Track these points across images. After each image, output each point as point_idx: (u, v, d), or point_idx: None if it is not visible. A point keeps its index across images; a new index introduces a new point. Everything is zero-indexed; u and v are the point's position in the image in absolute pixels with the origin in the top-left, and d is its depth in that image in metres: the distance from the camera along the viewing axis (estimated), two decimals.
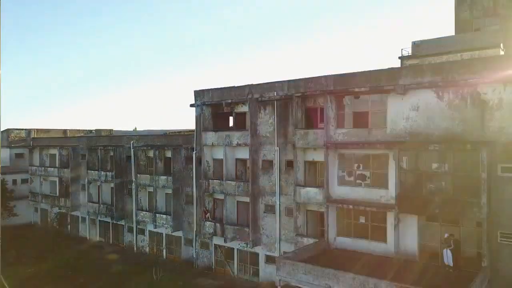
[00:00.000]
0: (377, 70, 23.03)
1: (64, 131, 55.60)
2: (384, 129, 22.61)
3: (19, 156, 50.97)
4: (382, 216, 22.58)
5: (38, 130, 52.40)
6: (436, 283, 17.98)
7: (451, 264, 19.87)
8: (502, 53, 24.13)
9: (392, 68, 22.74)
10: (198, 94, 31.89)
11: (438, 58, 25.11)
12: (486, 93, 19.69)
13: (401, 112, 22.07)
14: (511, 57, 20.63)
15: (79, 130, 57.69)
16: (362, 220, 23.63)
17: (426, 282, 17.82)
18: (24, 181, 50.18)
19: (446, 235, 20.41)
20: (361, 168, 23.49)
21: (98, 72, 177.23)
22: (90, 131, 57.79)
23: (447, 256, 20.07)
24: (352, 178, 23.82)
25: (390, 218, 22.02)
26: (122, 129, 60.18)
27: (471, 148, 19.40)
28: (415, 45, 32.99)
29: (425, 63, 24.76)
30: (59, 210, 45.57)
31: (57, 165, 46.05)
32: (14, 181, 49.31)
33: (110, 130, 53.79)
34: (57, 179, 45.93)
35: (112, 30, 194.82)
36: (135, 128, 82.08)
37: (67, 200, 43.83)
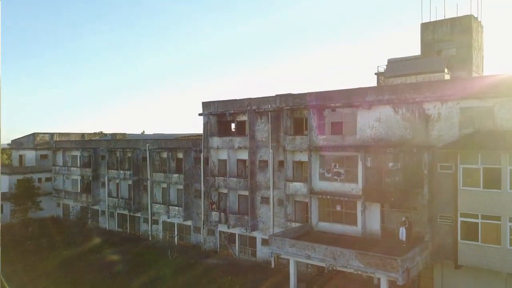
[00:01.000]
0: (349, 89, 29.10)
1: (82, 134, 61.63)
2: (354, 135, 28.66)
3: (43, 157, 56.97)
4: (353, 204, 28.60)
5: (59, 134, 58.44)
6: (387, 252, 23.95)
7: (405, 240, 25.90)
8: (447, 76, 30.03)
9: (360, 88, 28.71)
10: (205, 105, 37.95)
11: (400, 78, 31.04)
12: (429, 109, 25.74)
13: (367, 123, 28.11)
14: (446, 81, 26.63)
15: (95, 133, 63.74)
16: (338, 208, 29.66)
17: (381, 252, 23.79)
18: (48, 179, 56.18)
19: (403, 218, 26.47)
20: (337, 166, 29.51)
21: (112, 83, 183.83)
22: (105, 134, 63.79)
23: (402, 234, 26.09)
24: (330, 175, 29.83)
25: (359, 206, 28.03)
26: (131, 133, 66.28)
27: (417, 151, 25.43)
28: (390, 62, 39.18)
29: (387, 84, 30.81)
30: (80, 205, 51.50)
31: (79, 165, 52.08)
32: (39, 180, 55.32)
33: (124, 134, 59.77)
34: (79, 178, 51.91)
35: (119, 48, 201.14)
36: (143, 131, 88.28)
37: (89, 195, 49.83)
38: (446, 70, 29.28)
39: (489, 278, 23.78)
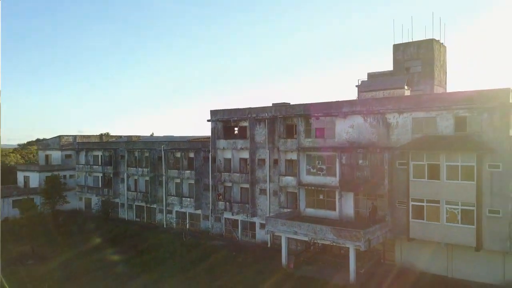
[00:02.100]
0: (329, 102, 36.46)
1: (100, 136, 68.95)
2: (333, 139, 35.97)
3: (68, 156, 64.28)
4: (332, 193, 35.92)
5: (81, 136, 65.70)
6: (356, 227, 31.20)
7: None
8: (407, 92, 37.23)
9: (338, 101, 36.01)
10: (213, 113, 45.31)
11: (370, 93, 38.23)
12: (390, 118, 33.09)
13: (343, 129, 35.44)
14: (402, 97, 33.91)
15: (112, 136, 71.02)
16: (321, 196, 37.00)
17: (351, 227, 31.06)
18: (71, 176, 63.55)
19: (371, 203, 33.81)
20: (320, 164, 36.83)
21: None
22: (120, 136, 71.13)
23: (370, 217, 33.44)
24: (314, 170, 37.13)
25: (337, 195, 35.35)
26: (141, 135, 73.57)
27: (380, 151, 32.76)
28: (369, 76, 46.54)
29: (360, 98, 38.13)
30: (102, 198, 58.76)
31: (100, 164, 59.45)
32: (64, 176, 62.65)
33: (138, 136, 67.01)
34: (100, 174, 59.25)
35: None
36: (152, 133, 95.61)
37: (110, 190, 57.16)
38: (406, 87, 36.54)
39: (433, 248, 31.11)
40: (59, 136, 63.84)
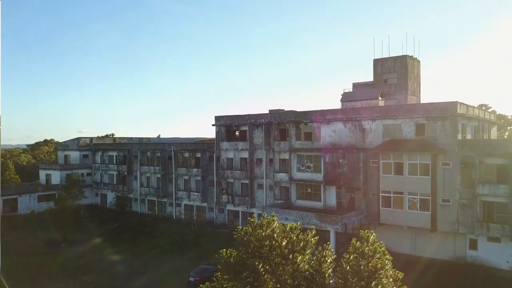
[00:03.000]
0: (315, 110, 43.32)
1: (114, 138, 75.79)
2: (319, 141, 42.85)
3: (85, 156, 71.14)
4: (318, 187, 42.78)
5: (97, 138, 72.56)
6: (337, 214, 38.01)
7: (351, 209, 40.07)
8: (381, 102, 44.05)
9: (323, 110, 42.84)
10: (217, 118, 52.18)
11: (350, 103, 45.09)
12: (365, 125, 39.97)
13: (327, 133, 42.31)
14: (374, 107, 40.74)
15: (124, 138, 77.90)
16: (309, 190, 43.86)
17: (333, 214, 37.88)
18: (88, 174, 70.40)
19: (350, 195, 40.68)
20: (307, 162, 43.69)
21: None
22: (131, 138, 78.02)
23: (349, 206, 40.33)
24: (304, 168, 43.98)
25: (322, 188, 42.21)
26: (149, 136, 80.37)
27: (356, 152, 39.63)
28: (354, 85, 53.41)
29: (343, 106, 44.95)
30: (117, 194, 65.56)
31: (115, 163, 66.31)
32: (82, 174, 69.53)
33: (148, 138, 73.83)
34: (115, 172, 66.14)
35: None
36: (159, 135, 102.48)
37: (124, 186, 64.03)
38: (380, 98, 43.43)
39: (398, 231, 37.97)
40: (78, 138, 70.72)
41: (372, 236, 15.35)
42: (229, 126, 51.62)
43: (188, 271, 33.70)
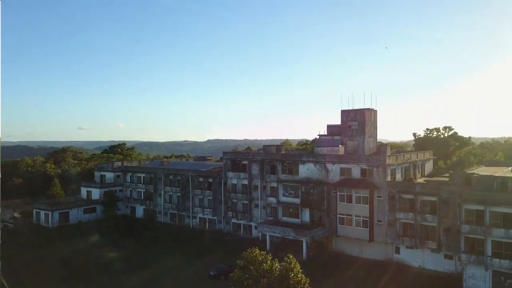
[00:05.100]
0: (295, 154, 60.87)
1: (139, 161, 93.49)
2: (298, 176, 60.34)
3: (117, 176, 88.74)
4: (297, 208, 60.27)
5: (126, 161, 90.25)
6: (308, 229, 55.45)
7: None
8: (341, 149, 61.39)
9: (300, 153, 60.26)
10: (224, 153, 69.84)
11: (320, 148, 62.46)
12: (328, 166, 57.52)
13: (303, 170, 59.83)
14: (334, 155, 58.11)
15: (146, 161, 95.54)
16: (291, 210, 61.40)
17: (306, 228, 55.35)
18: (120, 190, 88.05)
19: (318, 215, 58.28)
20: (290, 190, 61.20)
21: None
22: (153, 160, 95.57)
23: (318, 222, 57.95)
24: (287, 194, 61.45)
25: (299, 209, 59.74)
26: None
27: (322, 185, 57.15)
28: (328, 126, 70.97)
29: (315, 151, 62.41)
30: (144, 207, 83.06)
31: (142, 182, 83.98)
32: (115, 191, 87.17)
33: (168, 159, 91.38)
34: (142, 190, 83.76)
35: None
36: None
37: (150, 201, 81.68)
38: (340, 146, 60.94)
39: (350, 240, 55.48)
40: (112, 162, 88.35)
41: (293, 262, 32.54)
42: (233, 160, 69.22)
43: (208, 268, 51.23)
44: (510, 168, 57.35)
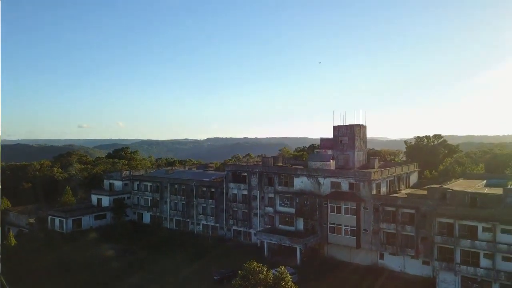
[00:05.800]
0: (290, 168, 66.84)
1: (146, 170, 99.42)
2: (293, 187, 66.34)
3: (125, 185, 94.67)
4: (293, 217, 66.30)
5: (133, 171, 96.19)
6: (302, 237, 61.43)
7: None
8: (332, 164, 67.26)
9: (294, 167, 66.17)
10: (226, 165, 75.86)
11: (313, 162, 68.36)
12: (320, 179, 63.52)
13: (298, 183, 65.82)
14: (324, 169, 63.97)
15: (150, 168, 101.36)
16: (287, 219, 67.41)
17: (300, 237, 61.36)
18: (128, 198, 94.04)
19: (311, 224, 64.30)
20: (286, 200, 67.19)
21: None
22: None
23: (311, 230, 63.99)
24: (283, 204, 67.46)
25: (294, 218, 65.77)
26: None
27: (315, 197, 63.17)
28: (321, 140, 76.96)
29: (309, 165, 68.39)
30: (151, 214, 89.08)
31: (149, 191, 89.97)
32: (124, 198, 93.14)
33: (174, 168, 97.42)
34: (149, 198, 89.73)
35: None
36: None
37: (157, 208, 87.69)
38: (331, 161, 66.90)
39: (340, 247, 61.53)
40: (120, 171, 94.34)
41: (284, 272, 38.63)
42: (234, 172, 75.20)
43: (212, 272, 57.21)
44: (485, 181, 63.39)
